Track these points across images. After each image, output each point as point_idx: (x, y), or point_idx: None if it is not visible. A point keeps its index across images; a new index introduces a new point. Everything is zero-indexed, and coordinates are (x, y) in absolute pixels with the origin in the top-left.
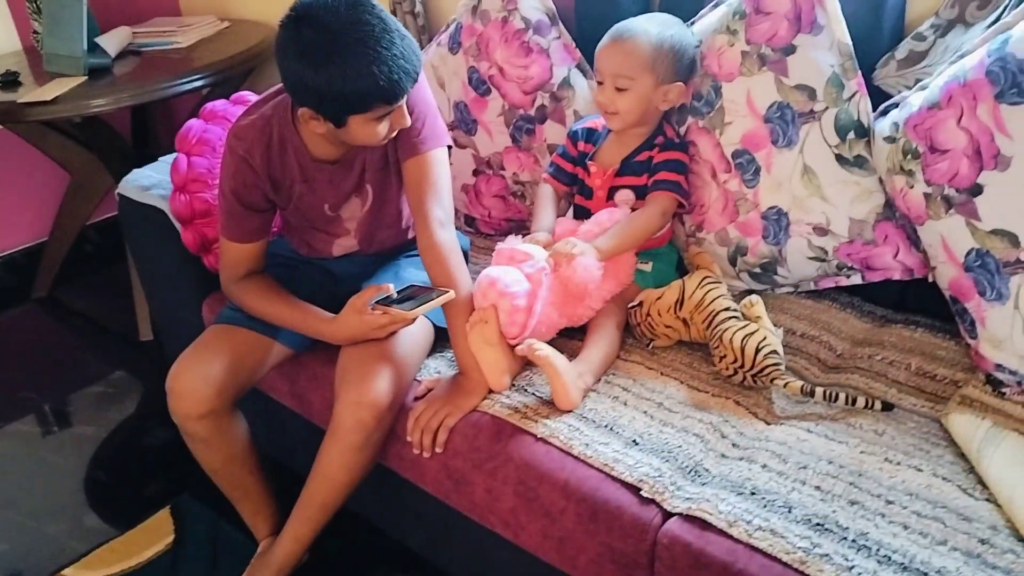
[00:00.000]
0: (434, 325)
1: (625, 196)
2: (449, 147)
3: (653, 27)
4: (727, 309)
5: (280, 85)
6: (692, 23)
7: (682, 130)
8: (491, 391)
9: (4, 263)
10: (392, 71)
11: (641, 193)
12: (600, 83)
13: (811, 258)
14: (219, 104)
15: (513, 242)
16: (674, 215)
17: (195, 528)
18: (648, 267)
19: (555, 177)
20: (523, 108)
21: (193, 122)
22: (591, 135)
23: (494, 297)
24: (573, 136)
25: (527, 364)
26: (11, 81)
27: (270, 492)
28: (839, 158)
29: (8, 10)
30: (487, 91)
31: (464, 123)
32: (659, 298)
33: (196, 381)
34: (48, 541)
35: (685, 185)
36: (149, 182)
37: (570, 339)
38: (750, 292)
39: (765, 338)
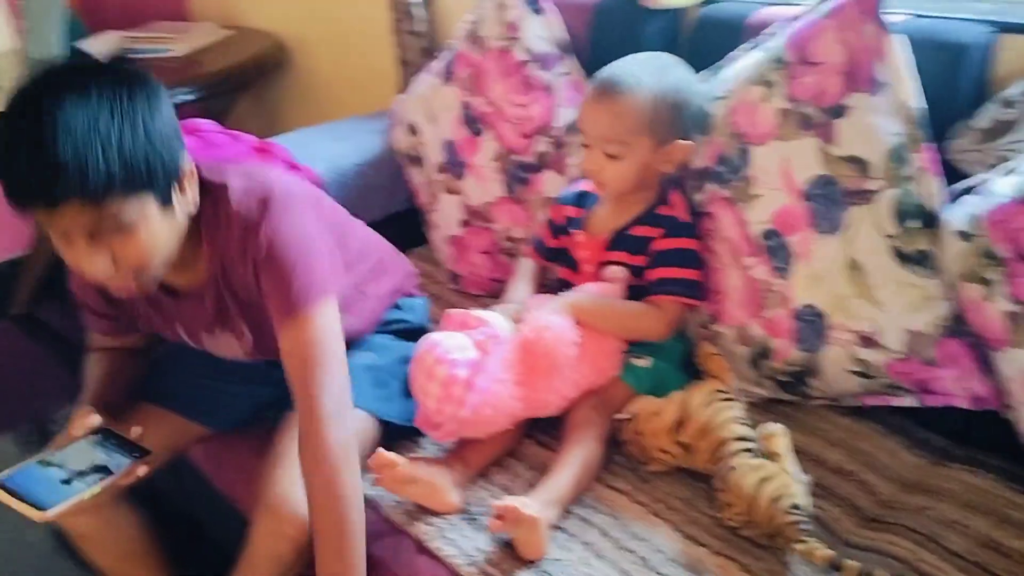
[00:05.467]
0: (382, 421)
1: (616, 272)
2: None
3: (647, 76)
4: (741, 439)
5: None
6: (720, 67)
7: (699, 199)
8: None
9: None
10: (36, 159)
11: (637, 272)
12: (587, 146)
13: (853, 372)
14: None
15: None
16: None
17: None
18: (646, 363)
19: (537, 251)
20: (519, 153)
21: None
22: (582, 198)
23: (430, 363)
24: (561, 202)
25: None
26: None
27: None
28: (896, 252)
29: (5, 6)
30: (479, 131)
31: (453, 165)
32: (655, 414)
33: None
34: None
35: (702, 279)
36: None
37: (543, 448)
38: (775, 401)
39: (786, 486)
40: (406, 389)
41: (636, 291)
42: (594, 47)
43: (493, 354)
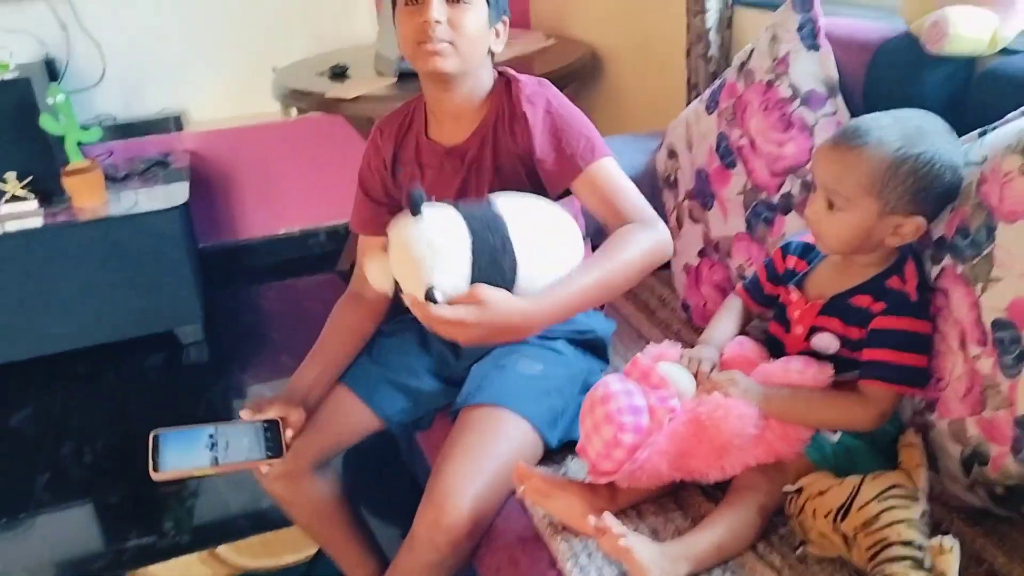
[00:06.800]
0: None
1: (825, 342)
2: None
3: (895, 136)
4: (907, 544)
5: None
6: (994, 128)
7: (934, 272)
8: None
9: (323, 233)
10: None
11: (849, 345)
12: (814, 188)
13: None
14: None
15: (665, 349)
16: None
17: None
18: (835, 436)
19: (749, 292)
20: (767, 191)
21: None
22: (808, 251)
23: (600, 417)
24: (784, 249)
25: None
26: (339, 74)
27: (365, 545)
28: None
29: (373, 5)
30: (732, 163)
31: (702, 194)
32: (822, 493)
33: None
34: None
35: (925, 366)
36: None
37: (706, 498)
38: (989, 514)
39: None
40: (567, 407)
41: (843, 363)
42: (868, 91)
43: (663, 427)
